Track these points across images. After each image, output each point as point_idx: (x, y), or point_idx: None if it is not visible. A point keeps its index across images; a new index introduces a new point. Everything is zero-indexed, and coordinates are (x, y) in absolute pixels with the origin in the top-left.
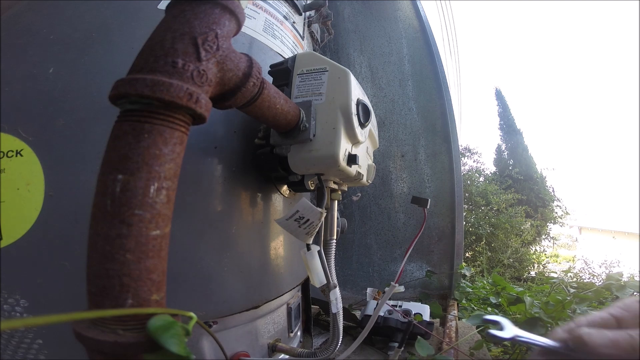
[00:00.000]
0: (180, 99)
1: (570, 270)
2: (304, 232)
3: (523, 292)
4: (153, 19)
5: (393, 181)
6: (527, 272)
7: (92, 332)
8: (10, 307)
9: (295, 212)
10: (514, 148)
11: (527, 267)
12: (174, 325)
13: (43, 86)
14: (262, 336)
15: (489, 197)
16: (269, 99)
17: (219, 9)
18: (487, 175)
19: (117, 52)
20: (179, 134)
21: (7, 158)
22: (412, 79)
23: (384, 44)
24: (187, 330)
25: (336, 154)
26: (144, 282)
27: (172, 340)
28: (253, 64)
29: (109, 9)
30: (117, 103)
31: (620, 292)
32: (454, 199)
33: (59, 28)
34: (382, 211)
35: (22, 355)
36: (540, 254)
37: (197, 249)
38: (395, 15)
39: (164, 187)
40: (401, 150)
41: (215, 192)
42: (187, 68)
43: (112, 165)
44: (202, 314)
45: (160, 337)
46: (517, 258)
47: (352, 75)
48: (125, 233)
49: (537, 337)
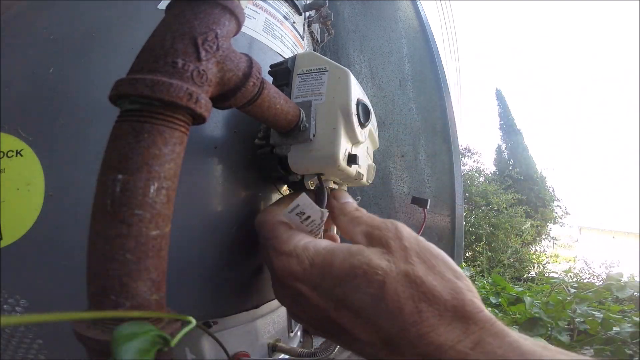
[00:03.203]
0: (180, 99)
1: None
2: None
3: (523, 292)
4: (153, 19)
5: (393, 181)
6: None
7: (92, 331)
8: (11, 307)
9: (296, 206)
10: (514, 148)
11: (527, 267)
12: (145, 336)
13: (43, 86)
14: (262, 336)
15: (489, 197)
16: (269, 99)
17: (219, 9)
18: (487, 175)
19: (117, 52)
20: (179, 134)
21: (7, 158)
22: (412, 79)
23: (384, 44)
24: (167, 339)
25: (336, 154)
26: (144, 282)
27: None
28: (253, 64)
29: (109, 9)
30: (117, 103)
31: (621, 292)
32: (454, 199)
33: (59, 28)
34: (382, 211)
35: (22, 355)
36: (540, 254)
37: (197, 248)
38: (395, 15)
39: (163, 187)
40: (401, 150)
41: (215, 192)
42: (187, 68)
43: (112, 165)
44: (202, 314)
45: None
46: (517, 258)
47: (352, 75)
48: (125, 233)
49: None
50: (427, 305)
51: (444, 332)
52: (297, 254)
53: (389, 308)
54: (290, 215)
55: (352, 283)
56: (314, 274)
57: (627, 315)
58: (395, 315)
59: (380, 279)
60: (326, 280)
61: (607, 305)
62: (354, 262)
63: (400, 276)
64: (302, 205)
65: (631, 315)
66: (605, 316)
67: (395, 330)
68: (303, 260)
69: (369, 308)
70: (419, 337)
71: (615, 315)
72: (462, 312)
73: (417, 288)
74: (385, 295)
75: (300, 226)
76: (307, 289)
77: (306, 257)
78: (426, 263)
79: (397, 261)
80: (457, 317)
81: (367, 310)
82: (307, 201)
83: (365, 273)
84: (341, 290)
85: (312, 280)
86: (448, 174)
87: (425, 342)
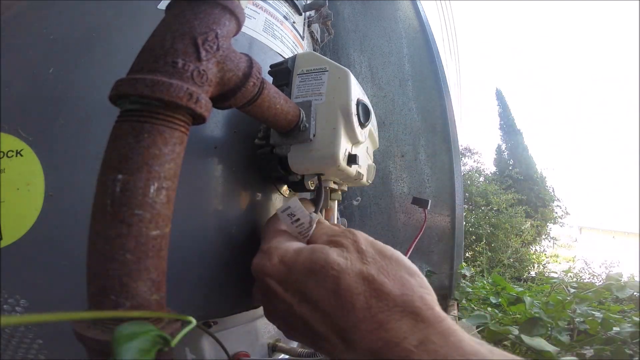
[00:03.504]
0: (180, 99)
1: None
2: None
3: (523, 292)
4: (153, 19)
5: (393, 181)
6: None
7: (92, 331)
8: (11, 307)
9: (287, 207)
10: (514, 148)
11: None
12: (145, 336)
13: (43, 86)
14: (262, 336)
15: (489, 197)
16: (269, 99)
17: (219, 9)
18: (487, 175)
19: (117, 52)
20: (179, 134)
21: (7, 158)
22: (412, 79)
23: (384, 44)
24: (167, 339)
25: (336, 154)
26: (144, 282)
27: (131, 352)
28: (253, 64)
29: (109, 9)
30: (117, 103)
31: (620, 292)
32: (454, 199)
33: (59, 28)
34: (382, 211)
35: (22, 355)
36: (540, 254)
37: (197, 248)
38: (395, 15)
39: (163, 187)
40: (401, 150)
41: (215, 192)
42: (187, 68)
43: (112, 165)
44: (202, 314)
45: (119, 345)
46: (517, 258)
47: (352, 75)
48: (125, 233)
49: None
50: (377, 301)
51: (393, 328)
52: (269, 252)
53: (343, 302)
54: (283, 215)
55: (312, 278)
56: (281, 270)
57: (627, 315)
58: (348, 309)
59: (335, 274)
60: (291, 275)
61: (607, 305)
62: (314, 257)
63: (354, 274)
64: (293, 207)
65: (631, 315)
66: (605, 316)
67: (349, 325)
68: (273, 257)
69: (326, 301)
70: (369, 333)
71: (615, 315)
72: (411, 308)
73: (369, 285)
74: (339, 289)
75: (290, 227)
76: (274, 284)
77: (276, 255)
78: (379, 263)
79: (354, 261)
80: (406, 313)
81: (324, 303)
82: (298, 205)
83: (322, 267)
84: (303, 284)
85: (279, 276)
86: (448, 174)
87: (375, 338)
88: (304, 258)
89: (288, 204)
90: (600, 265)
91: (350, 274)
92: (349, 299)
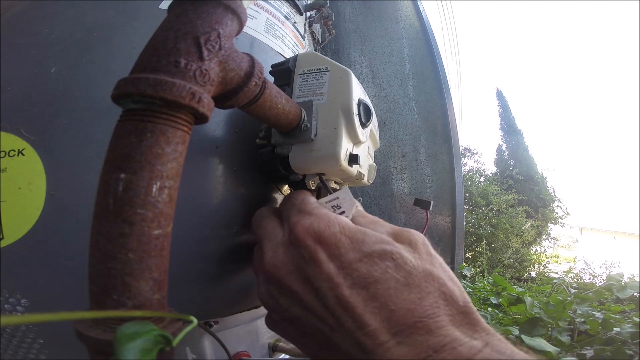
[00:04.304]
0: (182, 98)
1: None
2: None
3: (523, 293)
4: (155, 19)
5: (394, 181)
6: (528, 273)
7: (93, 331)
8: (12, 306)
9: (335, 198)
10: (514, 148)
11: (528, 267)
12: (147, 335)
13: (44, 85)
14: (263, 336)
15: (490, 198)
16: (270, 98)
17: (221, 8)
18: (488, 175)
19: (119, 52)
20: (182, 133)
21: (9, 157)
22: (412, 79)
23: (384, 44)
24: (169, 339)
25: (337, 154)
26: (146, 281)
27: (132, 352)
28: (255, 63)
29: (110, 8)
30: (119, 102)
31: (621, 292)
32: (454, 199)
33: (60, 28)
34: (383, 211)
35: (23, 355)
36: (540, 254)
37: (198, 248)
38: (396, 16)
39: (166, 187)
40: (402, 150)
41: (216, 191)
42: (190, 67)
43: (115, 164)
44: (203, 313)
45: (121, 345)
46: (518, 258)
47: (353, 75)
48: (128, 232)
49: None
50: (445, 304)
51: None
52: (328, 217)
53: (411, 297)
54: (326, 206)
55: (380, 264)
56: (342, 241)
57: (628, 315)
58: (416, 304)
59: (408, 268)
60: (352, 253)
61: (607, 306)
62: (386, 247)
63: (424, 273)
64: (342, 198)
65: (631, 316)
66: (605, 316)
67: (411, 321)
68: (334, 224)
69: (391, 292)
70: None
71: (616, 315)
72: (469, 319)
73: (438, 287)
74: (410, 283)
75: None
76: (325, 256)
77: (338, 224)
78: (447, 272)
79: (423, 261)
80: (465, 322)
81: (388, 293)
82: (348, 196)
83: (395, 259)
84: (366, 268)
85: (336, 248)
86: (448, 174)
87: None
88: (372, 242)
89: (336, 195)
90: (600, 266)
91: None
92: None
